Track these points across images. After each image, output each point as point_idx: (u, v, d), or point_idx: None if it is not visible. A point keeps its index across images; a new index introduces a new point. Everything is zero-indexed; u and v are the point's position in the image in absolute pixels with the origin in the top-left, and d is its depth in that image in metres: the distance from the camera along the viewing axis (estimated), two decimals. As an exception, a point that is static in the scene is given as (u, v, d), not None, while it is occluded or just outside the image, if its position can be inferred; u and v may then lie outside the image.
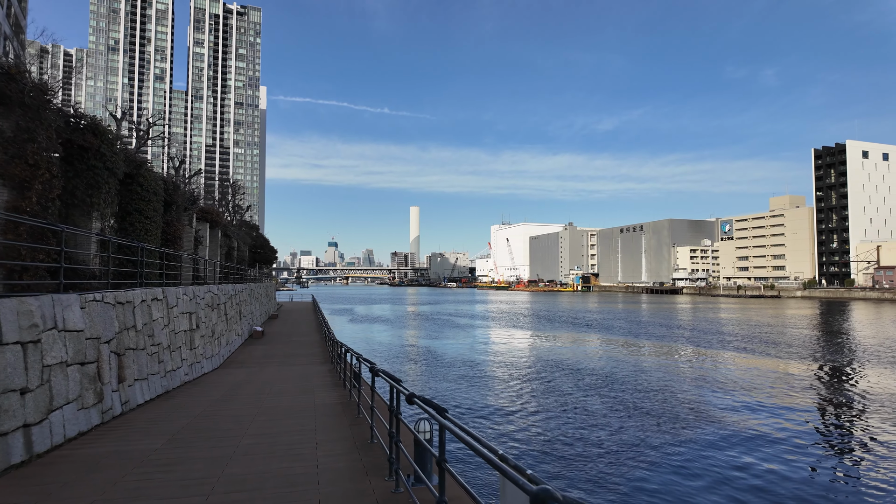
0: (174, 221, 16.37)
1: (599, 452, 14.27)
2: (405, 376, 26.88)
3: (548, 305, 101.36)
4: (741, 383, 24.69)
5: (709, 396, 21.81)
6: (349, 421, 9.18)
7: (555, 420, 17.83)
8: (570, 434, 16.09)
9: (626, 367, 29.15)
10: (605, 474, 12.63)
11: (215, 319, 19.18)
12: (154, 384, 11.59)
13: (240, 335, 25.65)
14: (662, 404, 20.22)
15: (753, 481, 12.28)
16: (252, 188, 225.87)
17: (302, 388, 13.53)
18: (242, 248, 34.91)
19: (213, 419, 9.34)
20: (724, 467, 13.20)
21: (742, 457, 14.04)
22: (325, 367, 18.16)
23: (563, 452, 14.34)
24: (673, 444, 15.19)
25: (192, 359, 15.27)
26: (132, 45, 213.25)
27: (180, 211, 17.24)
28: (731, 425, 17.25)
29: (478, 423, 17.44)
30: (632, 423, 17.50)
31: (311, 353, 22.75)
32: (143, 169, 13.67)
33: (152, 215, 14.03)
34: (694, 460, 13.71)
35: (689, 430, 16.59)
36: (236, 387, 13.88)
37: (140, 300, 10.99)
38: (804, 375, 26.94)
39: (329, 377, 15.67)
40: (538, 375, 26.53)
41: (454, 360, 31.90)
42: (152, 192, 14.02)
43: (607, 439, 15.54)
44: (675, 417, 18.24)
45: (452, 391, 23.03)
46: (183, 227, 17.62)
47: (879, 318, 66.30)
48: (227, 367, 18.70)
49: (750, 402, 20.82)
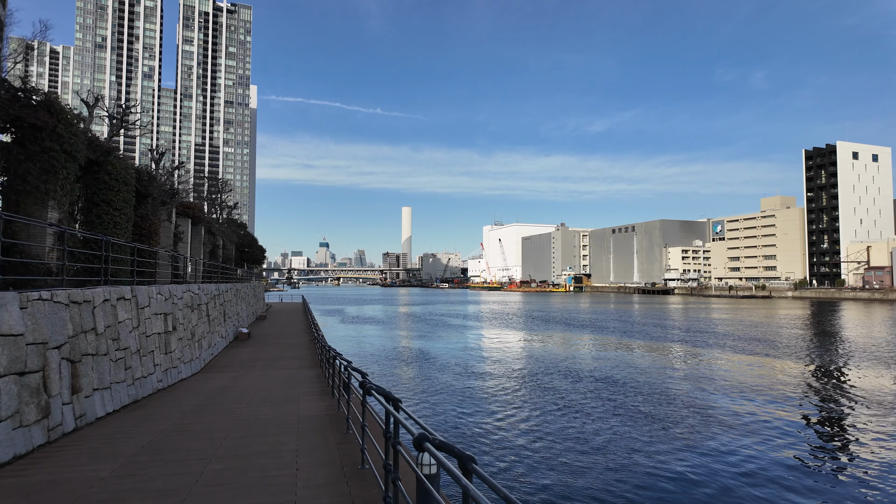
0: (150, 215, 15.12)
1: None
2: (398, 381, 25.72)
3: (540, 306, 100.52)
4: (736, 383, 24.38)
5: (704, 396, 21.36)
6: (337, 438, 8.02)
7: (561, 437, 16.76)
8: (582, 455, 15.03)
9: (630, 368, 28.23)
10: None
11: (195, 321, 17.93)
12: (119, 393, 10.36)
13: (224, 337, 24.37)
14: (667, 407, 19.35)
15: (747, 478, 12.34)
16: (242, 188, 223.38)
17: (286, 395, 12.36)
18: (228, 246, 33.57)
19: (180, 435, 8.13)
20: (722, 467, 13.12)
21: (739, 455, 14.03)
22: (312, 372, 16.98)
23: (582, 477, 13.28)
24: (666, 441, 15.11)
25: (168, 364, 14.03)
26: (120, 43, 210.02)
27: (157, 204, 15.98)
28: (727, 424, 17.16)
29: (478, 445, 16.33)
30: (642, 429, 16.52)
31: (298, 355, 21.55)
32: (111, 156, 12.43)
33: (122, 207, 12.79)
34: (692, 461, 13.47)
35: (685, 430, 16.27)
36: (215, 394, 12.67)
37: (102, 299, 9.76)
38: (799, 375, 26.67)
39: (317, 383, 14.50)
40: (535, 380, 25.49)
41: (448, 363, 30.78)
42: (122, 182, 12.77)
43: (632, 468, 14.51)
44: (672, 417, 17.79)
45: (447, 397, 21.92)
46: (160, 222, 16.37)
47: (870, 318, 66.29)
48: (208, 372, 17.45)
49: (746, 401, 20.56)
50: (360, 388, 5.93)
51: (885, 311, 79.78)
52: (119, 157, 12.81)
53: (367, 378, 6.37)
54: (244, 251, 46.89)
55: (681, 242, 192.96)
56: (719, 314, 73.91)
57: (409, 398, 21.40)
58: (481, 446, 14.79)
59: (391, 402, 4.78)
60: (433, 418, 18.19)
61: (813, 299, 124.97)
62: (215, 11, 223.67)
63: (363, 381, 6.10)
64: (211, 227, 26.90)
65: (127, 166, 13.20)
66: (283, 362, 19.60)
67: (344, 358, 9.44)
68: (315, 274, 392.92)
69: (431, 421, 17.82)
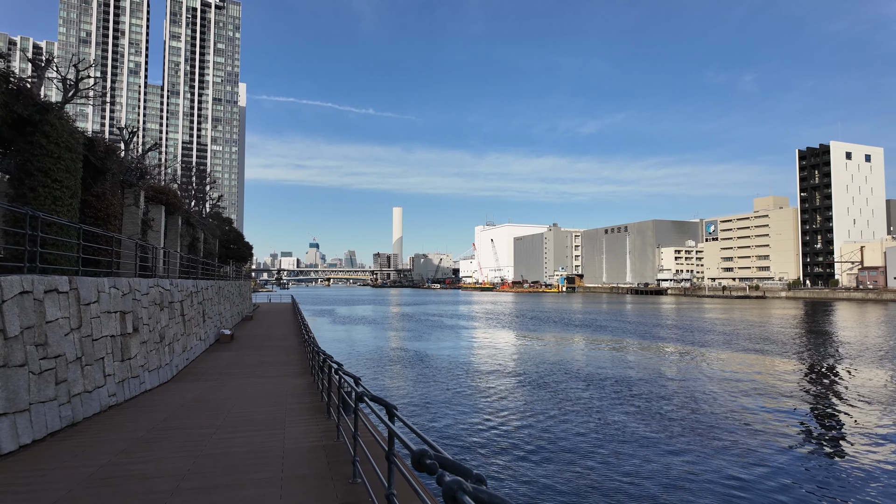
0: (108, 195, 12.57)
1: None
2: (399, 391, 23.26)
3: (534, 306, 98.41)
4: (735, 383, 23.79)
5: (709, 398, 20.21)
6: (339, 490, 5.57)
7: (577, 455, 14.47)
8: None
9: (632, 370, 26.13)
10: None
11: (166, 321, 15.38)
12: (44, 417, 7.85)
13: (202, 339, 21.77)
14: (679, 410, 17.13)
15: (750, 480, 12.05)
16: (230, 187, 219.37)
17: (270, 414, 9.90)
18: (211, 241, 30.93)
19: (107, 489, 5.63)
20: (725, 466, 12.91)
21: (741, 456, 13.74)
22: (302, 381, 14.51)
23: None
24: (669, 443, 14.40)
25: (125, 373, 11.50)
26: (105, 38, 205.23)
27: (117, 183, 13.43)
28: (730, 425, 16.77)
29: (494, 465, 13.97)
30: (667, 446, 14.32)
31: (286, 360, 19.05)
32: (49, 115, 9.91)
33: (64, 179, 10.25)
34: (706, 465, 12.94)
35: (688, 433, 15.51)
36: (181, 412, 10.19)
37: (18, 291, 7.26)
38: (797, 374, 26.27)
39: (308, 396, 12.05)
40: (542, 385, 23.18)
41: (447, 367, 28.39)
42: (64, 148, 10.24)
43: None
44: (688, 421, 16.07)
45: (450, 406, 19.52)
46: (122, 205, 13.83)
47: (864, 318, 65.22)
48: (180, 381, 14.92)
49: (750, 402, 19.90)
50: (387, 420, 3.53)
51: (880, 311, 78.71)
52: (62, 119, 10.28)
53: (394, 410, 3.97)
54: (230, 248, 44.09)
55: (673, 243, 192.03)
56: (713, 314, 72.70)
57: (422, 412, 18.98)
58: (512, 484, 12.46)
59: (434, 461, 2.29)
60: (445, 430, 15.78)
61: (807, 299, 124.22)
62: (203, 7, 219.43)
63: (389, 408, 3.75)
64: (190, 217, 24.28)
65: (72, 130, 10.66)
66: (269, 369, 17.11)
67: (345, 371, 7.02)
68: (305, 275, 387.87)
69: (434, 434, 15.40)
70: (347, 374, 7.84)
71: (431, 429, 16.25)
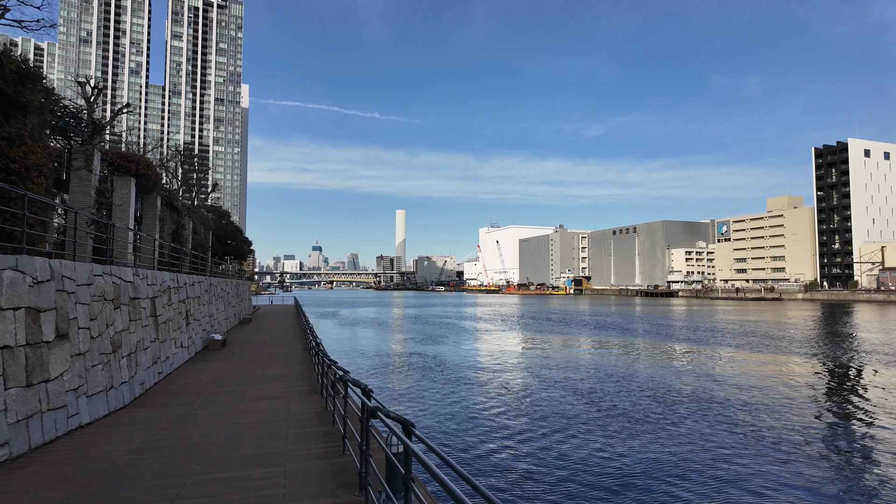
0: (25, 138, 8.56)
1: None
2: (422, 404, 19.17)
3: (542, 308, 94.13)
4: (757, 391, 21.45)
5: (733, 405, 17.64)
6: None
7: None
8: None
9: (655, 377, 22.03)
10: None
11: (124, 323, 11.37)
12: None
13: (185, 346, 17.73)
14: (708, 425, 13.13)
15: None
16: (233, 188, 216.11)
17: (261, 477, 5.87)
18: (202, 231, 26.98)
19: None
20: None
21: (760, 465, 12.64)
22: (309, 407, 10.46)
23: None
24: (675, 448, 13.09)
25: (31, 406, 7.47)
26: (106, 38, 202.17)
27: (44, 126, 9.44)
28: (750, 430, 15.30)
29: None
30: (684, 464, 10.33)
31: (288, 374, 14.99)
32: None
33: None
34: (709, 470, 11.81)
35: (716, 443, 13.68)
36: (112, 476, 6.17)
37: None
38: (826, 380, 24.38)
39: (320, 439, 7.98)
40: (569, 393, 19.07)
41: (470, 377, 24.29)
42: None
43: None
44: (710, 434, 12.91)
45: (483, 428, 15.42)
46: (46, 154, 9.84)
47: (887, 320, 60.87)
48: (141, 406, 10.89)
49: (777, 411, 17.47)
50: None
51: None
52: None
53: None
54: (227, 243, 40.17)
55: (683, 244, 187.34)
56: (729, 316, 68.97)
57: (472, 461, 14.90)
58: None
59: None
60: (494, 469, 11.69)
61: (825, 301, 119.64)
62: (206, 6, 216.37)
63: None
64: (173, 200, 20.33)
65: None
66: (265, 386, 13.06)
67: (390, 413, 3.04)
68: (308, 277, 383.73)
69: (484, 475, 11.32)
70: (391, 418, 3.98)
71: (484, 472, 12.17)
